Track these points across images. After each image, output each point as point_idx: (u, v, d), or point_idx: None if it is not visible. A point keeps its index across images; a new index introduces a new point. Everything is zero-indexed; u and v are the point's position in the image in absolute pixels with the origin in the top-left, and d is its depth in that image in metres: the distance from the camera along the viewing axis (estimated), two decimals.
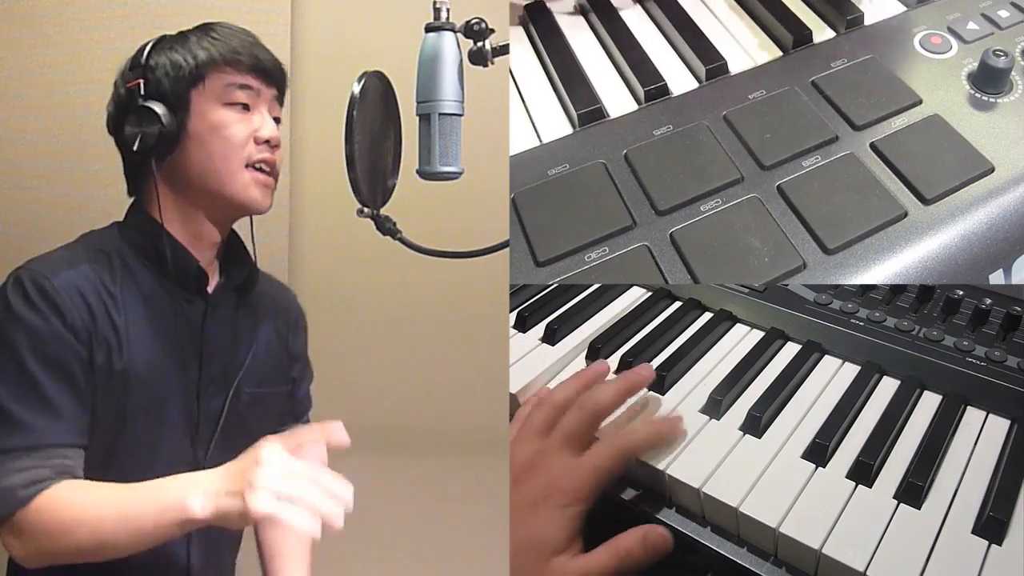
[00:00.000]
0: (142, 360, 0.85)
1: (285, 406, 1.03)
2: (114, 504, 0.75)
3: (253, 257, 0.96)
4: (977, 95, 0.91)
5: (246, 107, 0.88)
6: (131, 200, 0.92)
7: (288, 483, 0.68)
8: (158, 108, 0.84)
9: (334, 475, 0.71)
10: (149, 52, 0.87)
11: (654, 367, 0.91)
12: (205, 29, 0.89)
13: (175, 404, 0.87)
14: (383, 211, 0.87)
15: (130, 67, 0.88)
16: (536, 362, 0.95)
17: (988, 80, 0.91)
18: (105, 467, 0.82)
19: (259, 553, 1.02)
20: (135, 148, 0.85)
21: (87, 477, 0.81)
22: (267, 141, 0.88)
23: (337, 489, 0.69)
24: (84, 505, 0.76)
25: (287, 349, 1.02)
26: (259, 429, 0.96)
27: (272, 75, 0.90)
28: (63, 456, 0.79)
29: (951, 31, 0.98)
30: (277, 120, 0.91)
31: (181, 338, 0.88)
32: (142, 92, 0.85)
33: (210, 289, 0.92)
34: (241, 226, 0.96)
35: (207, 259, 0.92)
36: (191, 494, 0.71)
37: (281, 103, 0.93)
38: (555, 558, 0.67)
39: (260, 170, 0.88)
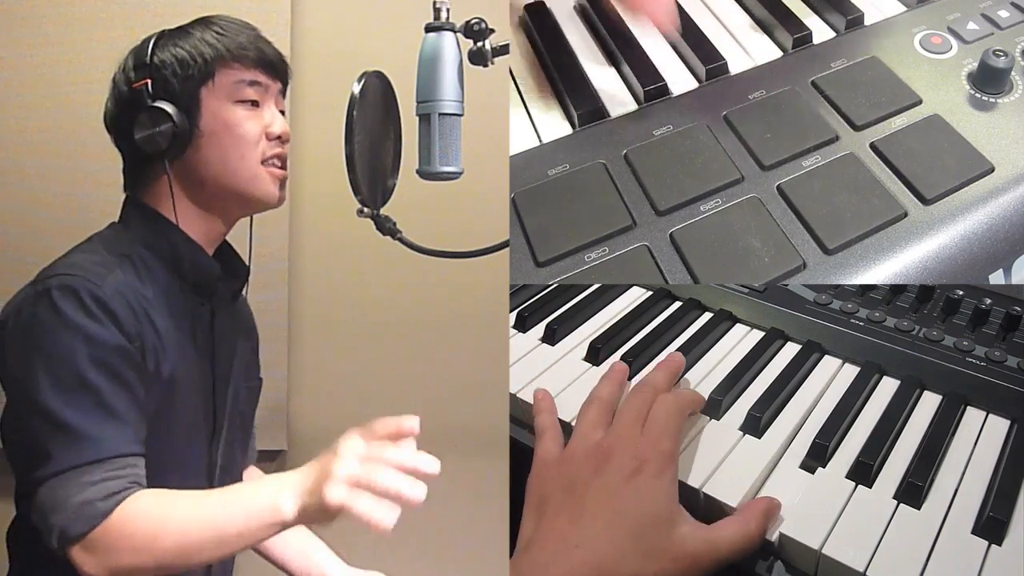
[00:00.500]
0: (179, 363, 0.84)
1: (258, 398, 1.05)
2: (198, 511, 0.74)
3: (250, 257, 0.97)
4: (977, 95, 0.91)
5: (255, 103, 0.88)
6: (127, 197, 0.91)
7: (365, 468, 0.67)
8: (169, 108, 0.83)
9: (416, 453, 0.69)
10: (153, 50, 0.86)
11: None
12: (207, 23, 0.88)
13: (200, 404, 0.88)
14: (383, 211, 0.87)
15: (134, 66, 0.86)
16: (536, 362, 0.95)
17: (988, 80, 0.91)
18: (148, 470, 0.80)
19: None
20: (148, 150, 0.84)
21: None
22: (279, 137, 0.88)
23: (419, 464, 0.69)
24: (167, 513, 0.74)
25: (255, 346, 1.05)
26: (250, 422, 0.99)
27: (278, 69, 0.90)
28: (133, 465, 0.77)
29: (951, 31, 0.98)
30: (282, 113, 0.92)
31: (201, 339, 0.89)
32: (150, 92, 0.84)
33: None
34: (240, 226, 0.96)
35: (211, 252, 0.92)
36: (281, 495, 0.70)
37: (285, 96, 0.93)
38: (676, 529, 0.66)
39: (273, 165, 0.88)
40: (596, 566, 0.64)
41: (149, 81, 0.84)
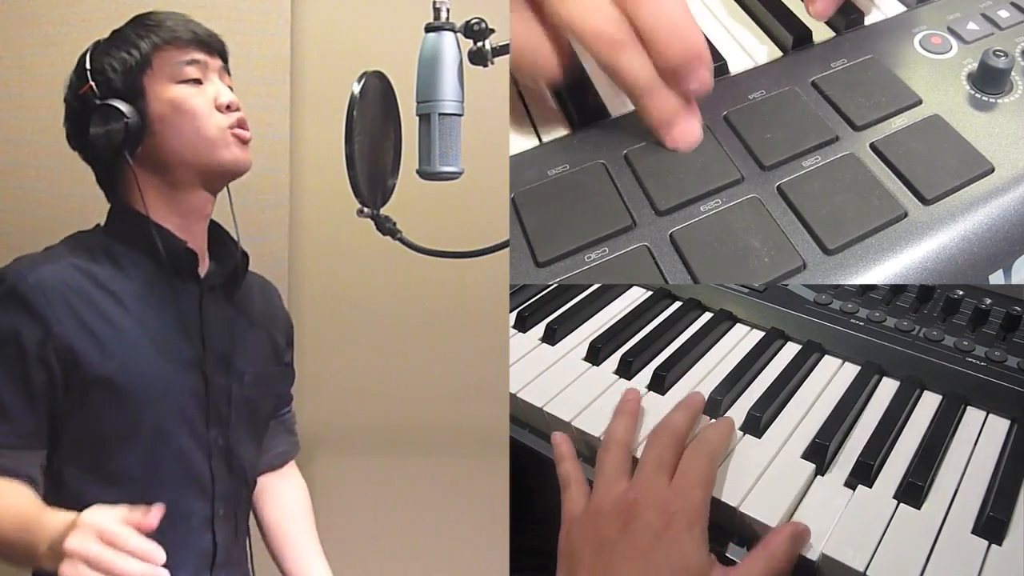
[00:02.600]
0: (141, 347, 0.86)
1: (281, 387, 1.05)
2: (4, 509, 0.78)
3: (238, 242, 0.98)
4: (977, 95, 0.91)
5: (197, 81, 0.89)
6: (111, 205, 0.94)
7: (100, 550, 0.68)
8: (116, 103, 0.86)
9: (144, 542, 0.70)
10: (91, 58, 0.89)
11: (654, 367, 0.91)
12: (138, 20, 0.91)
13: (181, 387, 0.88)
14: (383, 211, 0.87)
15: (76, 76, 0.90)
16: (536, 362, 0.95)
17: (988, 80, 0.91)
18: (123, 449, 0.85)
19: (265, 537, 1.03)
20: (106, 147, 0.86)
21: (112, 461, 0.84)
22: (228, 107, 0.89)
23: (149, 555, 0.69)
24: None
25: (281, 335, 1.05)
26: (263, 409, 0.99)
27: (213, 46, 0.92)
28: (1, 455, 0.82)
29: (951, 31, 0.98)
30: (230, 89, 0.93)
31: (181, 322, 0.89)
32: (96, 93, 0.87)
33: (202, 273, 0.93)
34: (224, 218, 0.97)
35: (197, 242, 0.93)
36: (39, 546, 0.73)
37: (228, 72, 0.95)
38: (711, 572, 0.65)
39: (233, 129, 0.89)
40: None
41: (92, 84, 0.87)
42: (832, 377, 0.91)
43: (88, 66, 0.89)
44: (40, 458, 0.85)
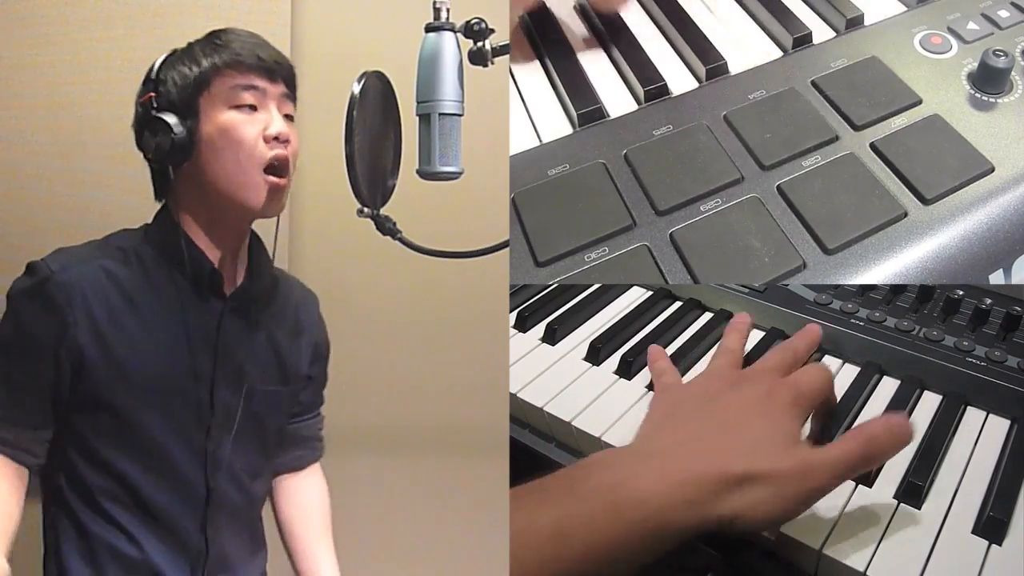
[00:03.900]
0: (148, 354, 0.88)
1: (295, 404, 1.05)
2: None
3: (273, 260, 0.98)
4: (977, 95, 0.91)
5: (253, 108, 0.88)
6: (159, 204, 0.95)
7: None
8: (169, 118, 0.87)
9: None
10: (159, 67, 0.90)
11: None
12: (210, 37, 0.91)
13: (184, 398, 0.90)
14: (383, 211, 0.87)
15: (143, 83, 0.91)
16: (536, 362, 0.95)
17: (988, 80, 0.91)
18: (118, 455, 0.87)
19: (280, 534, 1.04)
20: (152, 156, 0.88)
21: (103, 463, 0.87)
22: (276, 138, 0.88)
23: None
24: None
25: (309, 351, 1.04)
26: (271, 425, 0.99)
27: (276, 72, 0.90)
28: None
29: (951, 31, 0.98)
30: (290, 118, 0.92)
31: (195, 335, 0.90)
32: (154, 105, 0.88)
33: (229, 290, 0.93)
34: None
35: (228, 260, 0.93)
36: None
37: (293, 100, 0.93)
38: (797, 447, 0.67)
39: (272, 170, 0.88)
40: (714, 459, 0.64)
41: (153, 95, 0.88)
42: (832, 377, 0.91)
43: (154, 76, 0.89)
44: (45, 436, 0.89)
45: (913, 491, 0.72)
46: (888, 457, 0.69)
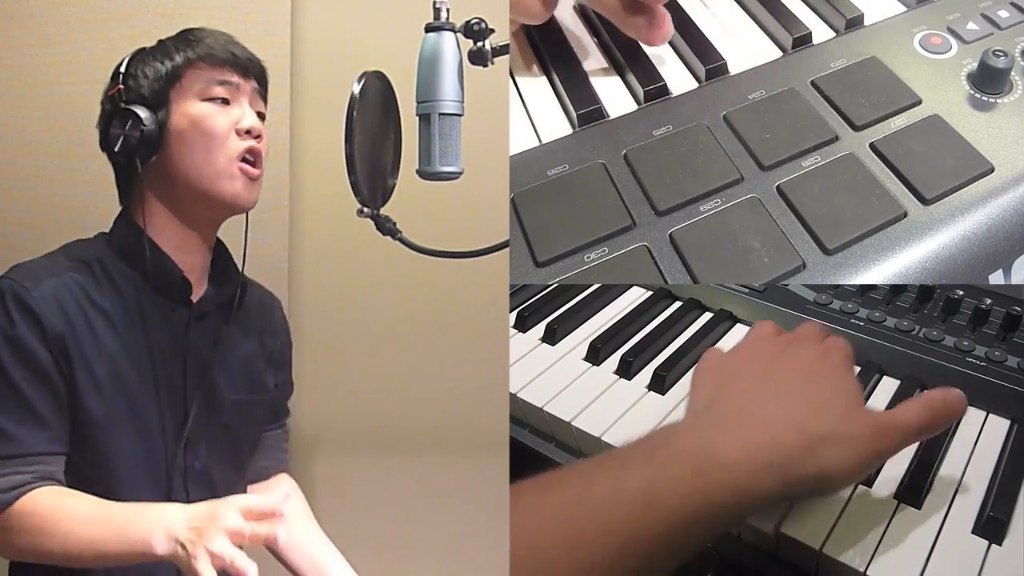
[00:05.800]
0: (122, 367, 0.85)
1: (269, 413, 1.03)
2: (88, 522, 0.78)
3: (242, 267, 0.96)
4: (977, 95, 0.91)
5: (225, 101, 0.88)
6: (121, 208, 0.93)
7: (226, 545, 0.71)
8: (138, 110, 0.85)
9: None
10: (128, 63, 0.89)
11: (654, 367, 0.91)
12: (183, 34, 0.90)
13: (156, 410, 0.88)
14: (383, 211, 0.87)
15: (111, 78, 0.89)
16: (536, 362, 0.95)
17: (988, 80, 0.91)
18: (91, 470, 0.84)
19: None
20: (117, 150, 0.86)
21: (73, 481, 0.83)
22: (248, 131, 0.88)
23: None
24: (61, 515, 0.78)
25: (271, 359, 1.02)
26: (244, 435, 0.97)
27: (249, 69, 0.91)
28: (45, 463, 0.82)
29: (951, 31, 0.98)
30: (261, 116, 0.92)
31: (164, 346, 0.89)
32: (122, 97, 0.87)
33: (195, 298, 0.91)
34: (234, 231, 0.96)
35: (195, 266, 0.92)
36: (155, 534, 0.74)
37: (264, 99, 0.93)
38: (866, 408, 0.68)
39: (245, 161, 0.88)
40: (788, 421, 0.64)
41: (121, 87, 0.87)
42: None
43: (123, 70, 0.88)
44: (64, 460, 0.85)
45: (913, 491, 0.72)
46: (947, 424, 0.70)
